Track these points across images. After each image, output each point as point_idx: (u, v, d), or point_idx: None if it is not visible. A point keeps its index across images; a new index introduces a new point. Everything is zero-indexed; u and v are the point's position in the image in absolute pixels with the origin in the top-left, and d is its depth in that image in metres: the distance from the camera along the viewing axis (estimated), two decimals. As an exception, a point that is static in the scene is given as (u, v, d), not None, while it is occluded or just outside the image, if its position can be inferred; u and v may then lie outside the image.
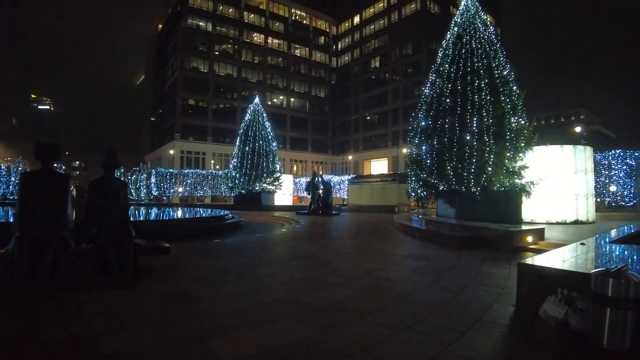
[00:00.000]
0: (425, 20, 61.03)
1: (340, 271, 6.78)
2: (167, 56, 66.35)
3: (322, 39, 76.46)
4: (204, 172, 46.66)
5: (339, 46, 77.84)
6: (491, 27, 14.65)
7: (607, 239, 7.64)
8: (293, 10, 71.89)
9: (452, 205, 13.12)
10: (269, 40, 67.59)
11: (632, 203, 27.19)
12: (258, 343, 3.42)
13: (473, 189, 12.07)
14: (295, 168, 67.34)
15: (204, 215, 16.44)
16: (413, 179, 14.31)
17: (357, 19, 74.33)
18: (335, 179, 45.60)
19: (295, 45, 71.26)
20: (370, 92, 69.18)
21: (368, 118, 70.28)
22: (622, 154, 27.82)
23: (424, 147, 13.57)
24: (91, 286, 5.17)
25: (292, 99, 69.78)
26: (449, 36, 14.64)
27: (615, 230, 10.28)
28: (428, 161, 13.27)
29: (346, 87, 73.95)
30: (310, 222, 17.51)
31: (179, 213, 18.77)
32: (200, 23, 60.63)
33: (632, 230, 10.14)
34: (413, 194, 14.64)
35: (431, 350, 3.39)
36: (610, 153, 28.36)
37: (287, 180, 37.04)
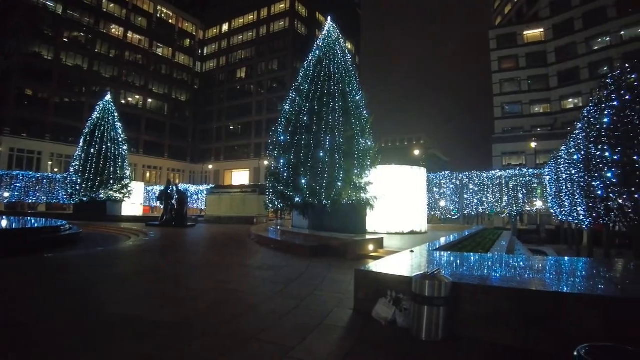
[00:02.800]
0: (292, 39, 63.28)
1: (189, 285, 6.55)
2: (1, 35, 55.26)
3: (187, 42, 73.04)
4: (38, 175, 39.76)
5: (205, 51, 75.34)
6: (348, 55, 15.85)
7: (432, 247, 8.88)
8: (159, 8, 67.10)
9: (305, 216, 13.75)
10: (129, 34, 61.54)
11: (457, 216, 32.68)
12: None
13: (324, 202, 12.86)
14: (148, 175, 62.28)
15: (35, 225, 14.16)
16: (271, 191, 14.61)
17: (225, 27, 73.13)
18: (192, 188, 43.64)
19: (158, 44, 66.42)
20: (234, 102, 68.35)
21: (231, 127, 69.23)
22: (449, 175, 33.43)
23: (281, 161, 14.00)
24: None
25: (150, 100, 64.53)
26: (310, 58, 15.43)
27: (444, 238, 12.06)
28: (285, 174, 13.73)
29: (210, 93, 71.74)
30: (161, 234, 16.43)
31: (3, 223, 15.79)
32: (49, 3, 51.87)
33: (454, 239, 12.02)
34: (270, 206, 14.93)
35: (272, 357, 3.50)
36: (441, 174, 33.73)
37: (137, 188, 34.10)
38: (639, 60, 11.78)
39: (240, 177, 64.34)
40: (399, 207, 15.76)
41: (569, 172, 17.30)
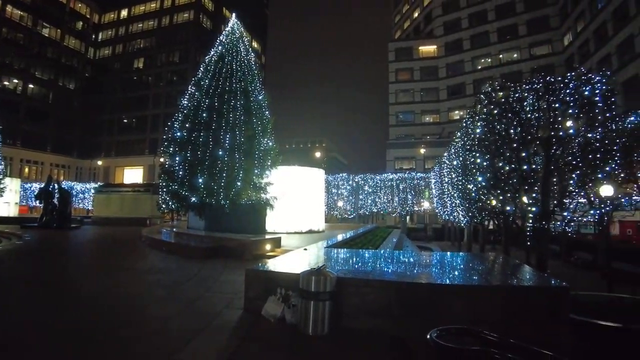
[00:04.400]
0: (196, 32, 60.51)
1: (70, 292, 6.04)
2: None
3: (79, 24, 65.35)
4: None
5: (100, 37, 68.30)
6: (252, 54, 15.69)
7: (326, 245, 9.23)
8: (48, -18, 59.35)
9: (202, 217, 13.29)
10: (8, 8, 52.78)
11: (353, 215, 34.57)
12: None
13: (223, 202, 12.57)
14: (27, 170, 54.83)
15: None
16: (164, 190, 13.87)
17: (124, 13, 67.21)
18: (78, 186, 39.78)
19: (44, 24, 58.26)
20: (130, 93, 62.90)
21: (125, 121, 63.75)
22: (347, 177, 35.34)
23: (177, 159, 13.36)
24: None
25: (32, 86, 56.10)
26: (212, 53, 15.01)
27: (340, 236, 12.59)
28: (180, 173, 13.13)
29: (103, 83, 65.13)
30: (39, 237, 14.82)
31: None
32: None
33: (348, 237, 12.64)
34: (164, 206, 14.15)
35: (155, 363, 3.38)
36: (339, 175, 35.54)
37: (13, 185, 30.18)
38: (510, 80, 13.51)
39: (133, 174, 59.80)
40: (298, 207, 16.06)
41: (450, 176, 19.22)
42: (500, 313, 4.28)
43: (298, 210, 16.10)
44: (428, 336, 2.42)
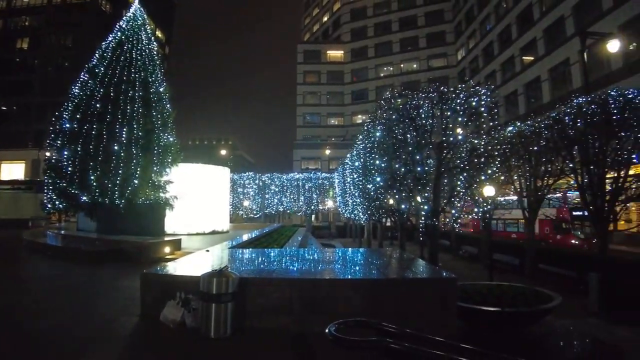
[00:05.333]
0: (94, 15, 54.47)
1: None
2: None
3: None
4: None
5: None
6: (154, 43, 14.78)
7: (230, 245, 9.08)
8: None
9: (94, 218, 12.16)
10: None
11: (259, 215, 34.55)
12: None
13: (117, 201, 11.65)
14: None
15: None
16: (51, 188, 12.43)
17: (6, -17, 59.00)
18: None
19: None
20: (11, 77, 54.98)
21: (4, 108, 55.69)
22: (253, 175, 35.20)
23: (66, 153, 12.05)
24: None
25: None
26: (110, 39, 13.84)
27: (245, 235, 12.44)
28: (69, 169, 11.86)
29: None
30: None
31: None
32: None
33: (253, 237, 12.56)
34: (50, 206, 12.68)
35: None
36: (245, 174, 35.24)
37: None
38: (408, 88, 14.51)
39: (13, 170, 52.61)
40: (201, 206, 15.53)
41: (352, 177, 20.11)
42: (397, 304, 4.59)
43: (201, 210, 15.57)
44: (327, 330, 2.49)
